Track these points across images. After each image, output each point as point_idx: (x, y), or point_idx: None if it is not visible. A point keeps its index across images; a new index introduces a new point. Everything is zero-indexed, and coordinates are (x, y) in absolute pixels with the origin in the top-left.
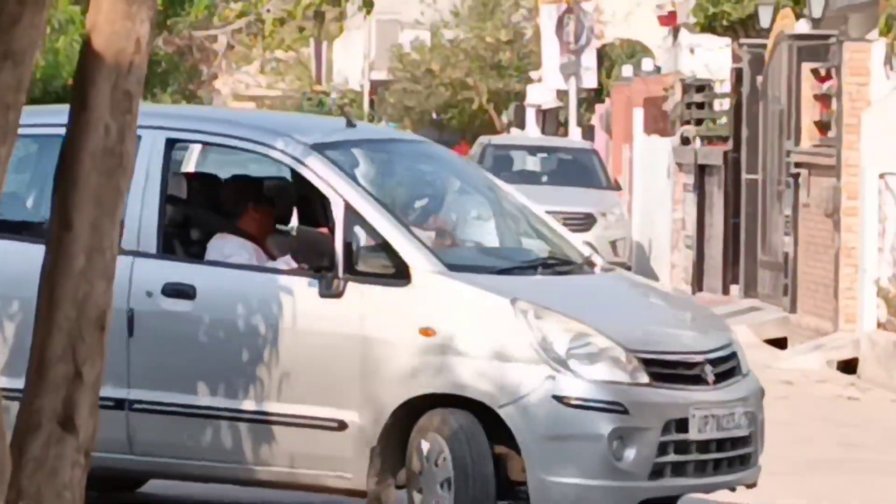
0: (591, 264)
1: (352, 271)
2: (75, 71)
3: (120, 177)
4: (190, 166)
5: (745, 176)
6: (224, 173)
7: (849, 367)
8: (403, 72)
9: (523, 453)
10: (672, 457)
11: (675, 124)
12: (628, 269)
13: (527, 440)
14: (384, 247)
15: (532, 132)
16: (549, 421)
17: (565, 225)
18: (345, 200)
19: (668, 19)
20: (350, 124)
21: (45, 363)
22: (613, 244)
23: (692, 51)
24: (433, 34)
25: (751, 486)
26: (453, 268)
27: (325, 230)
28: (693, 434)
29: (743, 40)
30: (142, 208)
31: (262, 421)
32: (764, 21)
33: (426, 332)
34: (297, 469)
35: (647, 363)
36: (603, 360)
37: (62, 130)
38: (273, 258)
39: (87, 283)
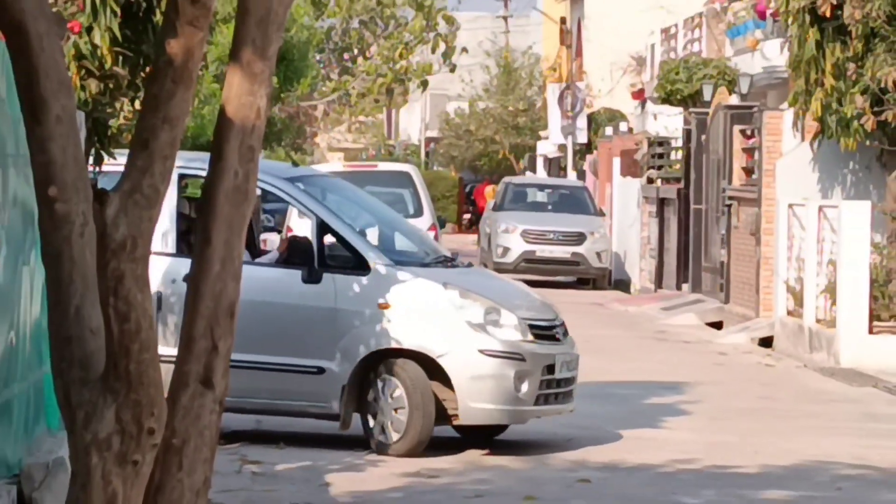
0: (454, 260)
1: (325, 265)
2: (214, 131)
3: (245, 207)
4: (292, 221)
5: (692, 206)
6: None
7: (766, 342)
8: (449, 131)
9: (455, 389)
10: (546, 390)
11: (643, 169)
12: (610, 272)
13: (458, 379)
14: (348, 248)
15: (541, 174)
16: (473, 366)
17: (564, 240)
18: (317, 216)
19: (638, 94)
20: (294, 165)
21: (191, 339)
22: (598, 254)
23: (655, 117)
24: (470, 104)
25: (571, 411)
26: (395, 262)
27: (306, 236)
28: (557, 374)
29: (691, 109)
30: (164, 223)
31: (264, 369)
32: (707, 95)
33: (383, 305)
34: (290, 401)
35: (531, 327)
36: (506, 326)
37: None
38: (257, 255)
39: (221, 282)
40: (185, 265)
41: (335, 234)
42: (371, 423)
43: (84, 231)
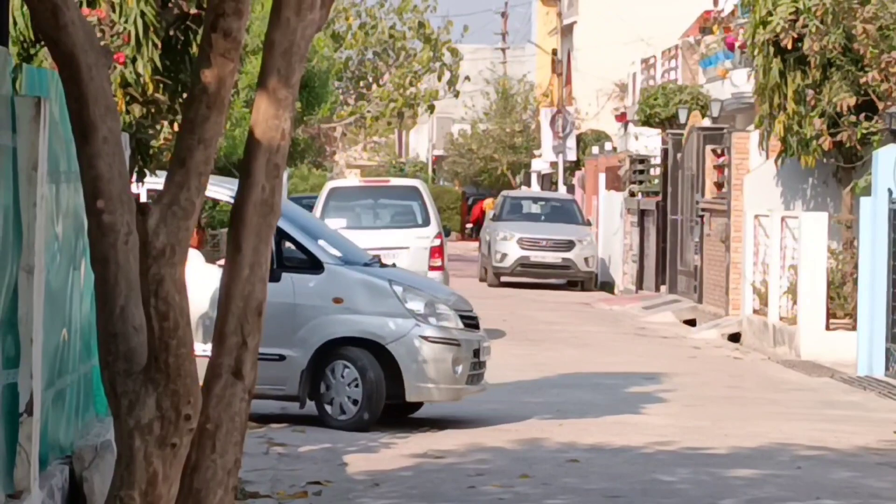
0: (378, 261)
1: (284, 266)
2: (244, 150)
3: (271, 218)
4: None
5: (670, 216)
6: None
7: (735, 338)
8: (453, 150)
9: (402, 371)
10: (474, 371)
11: (625, 184)
12: (596, 275)
13: (405, 362)
14: (304, 251)
15: (535, 188)
16: (417, 351)
17: (555, 247)
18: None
19: (621, 118)
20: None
21: (224, 335)
22: (586, 259)
23: (636, 137)
24: (472, 126)
25: (484, 390)
26: (343, 263)
27: None
28: (481, 358)
29: (669, 131)
30: None
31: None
32: (682, 118)
33: (337, 300)
34: (257, 385)
35: (461, 317)
36: (444, 316)
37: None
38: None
39: (250, 284)
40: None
41: (292, 239)
42: (328, 409)
43: (128, 239)
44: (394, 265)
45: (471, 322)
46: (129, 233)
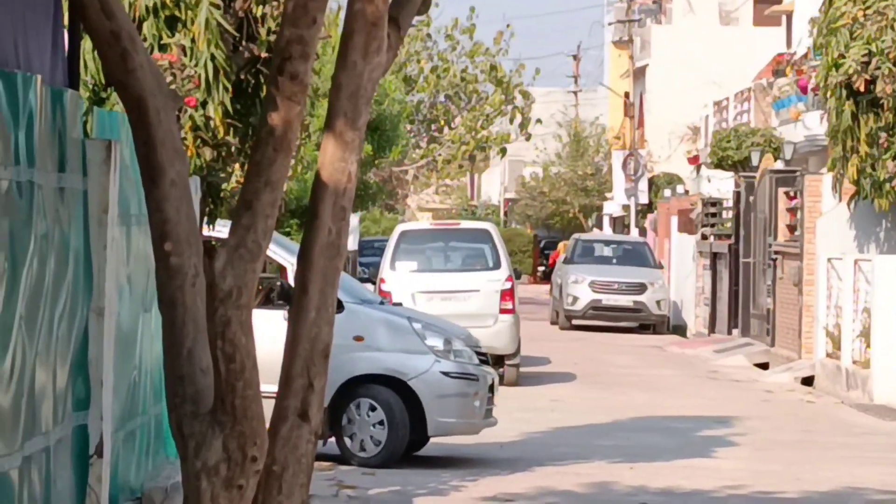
0: (385, 301)
1: None
2: (310, 193)
3: (337, 260)
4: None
5: (742, 260)
6: None
7: (808, 381)
8: (525, 193)
9: (424, 406)
10: (488, 405)
11: (697, 227)
12: (668, 318)
13: (426, 398)
14: None
15: (607, 231)
16: (438, 387)
17: (627, 290)
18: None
19: (694, 160)
20: None
21: (290, 377)
22: (658, 302)
23: (709, 180)
24: (544, 169)
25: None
26: (361, 302)
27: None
28: (494, 393)
29: (741, 173)
30: None
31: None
32: (755, 161)
33: (358, 338)
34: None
35: (476, 353)
36: (460, 352)
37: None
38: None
39: (316, 327)
40: None
41: None
42: (348, 441)
43: (195, 281)
44: (399, 304)
45: (483, 357)
46: (197, 275)
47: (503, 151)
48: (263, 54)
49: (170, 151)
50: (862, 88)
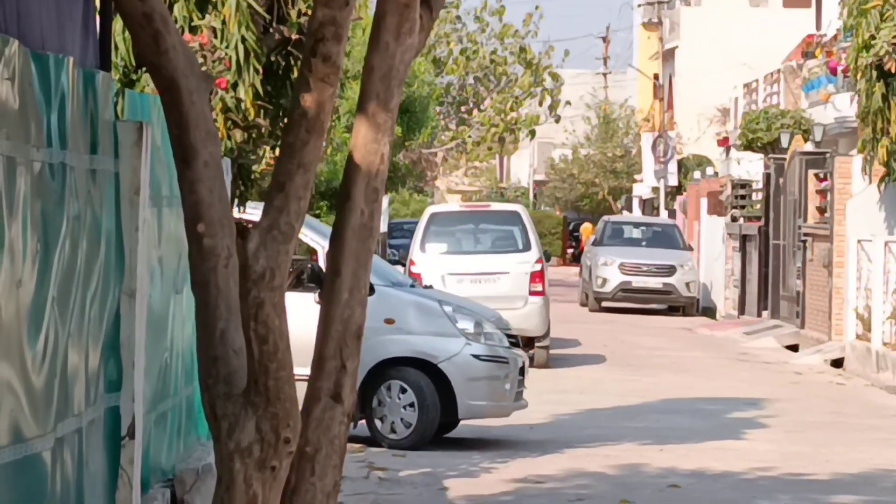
0: (415, 284)
1: None
2: (343, 175)
3: (370, 242)
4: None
5: (772, 242)
6: None
7: (838, 363)
8: (554, 175)
9: (455, 389)
10: (519, 388)
11: (727, 209)
12: (698, 300)
13: (457, 381)
14: None
15: (636, 213)
16: (469, 369)
17: (657, 272)
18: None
19: (723, 142)
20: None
21: (323, 359)
22: (688, 284)
23: (738, 162)
24: (573, 151)
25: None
26: (392, 285)
27: (321, 265)
28: (524, 375)
29: (771, 155)
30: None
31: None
32: (784, 143)
33: (389, 321)
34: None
35: (507, 336)
36: (491, 335)
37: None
38: None
39: (349, 308)
40: None
41: None
42: (378, 424)
43: (228, 263)
44: (430, 286)
45: (513, 340)
46: (230, 256)
47: (532, 133)
48: (294, 36)
49: (202, 133)
50: (893, 69)
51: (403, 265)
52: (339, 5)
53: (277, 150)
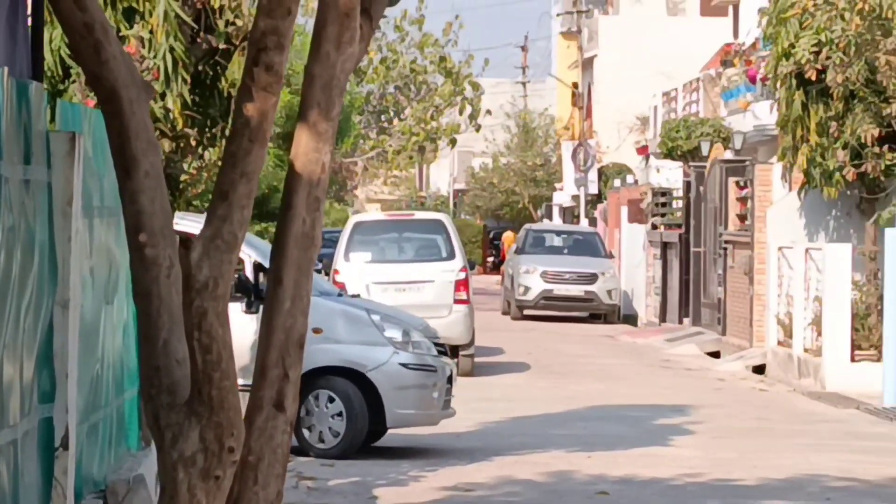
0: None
1: (261, 297)
2: (284, 184)
3: (312, 251)
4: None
5: (692, 249)
6: None
7: (759, 370)
8: (475, 184)
9: (383, 398)
10: (447, 396)
11: (647, 217)
12: (619, 308)
13: (385, 390)
14: None
15: (557, 222)
16: (397, 378)
17: (578, 280)
18: (253, 259)
19: (643, 150)
20: None
21: (265, 368)
22: (609, 292)
23: (658, 170)
24: (493, 160)
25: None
26: (319, 294)
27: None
28: (452, 384)
29: (691, 163)
30: None
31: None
32: (704, 151)
33: (316, 331)
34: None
35: (434, 344)
36: (419, 344)
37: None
38: None
39: (291, 317)
40: None
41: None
42: (306, 433)
43: (171, 273)
44: (358, 296)
45: (440, 348)
46: (172, 266)
47: (453, 142)
48: (222, 45)
49: (143, 143)
50: (813, 78)
51: (327, 274)
52: (282, 15)
53: (205, 158)
